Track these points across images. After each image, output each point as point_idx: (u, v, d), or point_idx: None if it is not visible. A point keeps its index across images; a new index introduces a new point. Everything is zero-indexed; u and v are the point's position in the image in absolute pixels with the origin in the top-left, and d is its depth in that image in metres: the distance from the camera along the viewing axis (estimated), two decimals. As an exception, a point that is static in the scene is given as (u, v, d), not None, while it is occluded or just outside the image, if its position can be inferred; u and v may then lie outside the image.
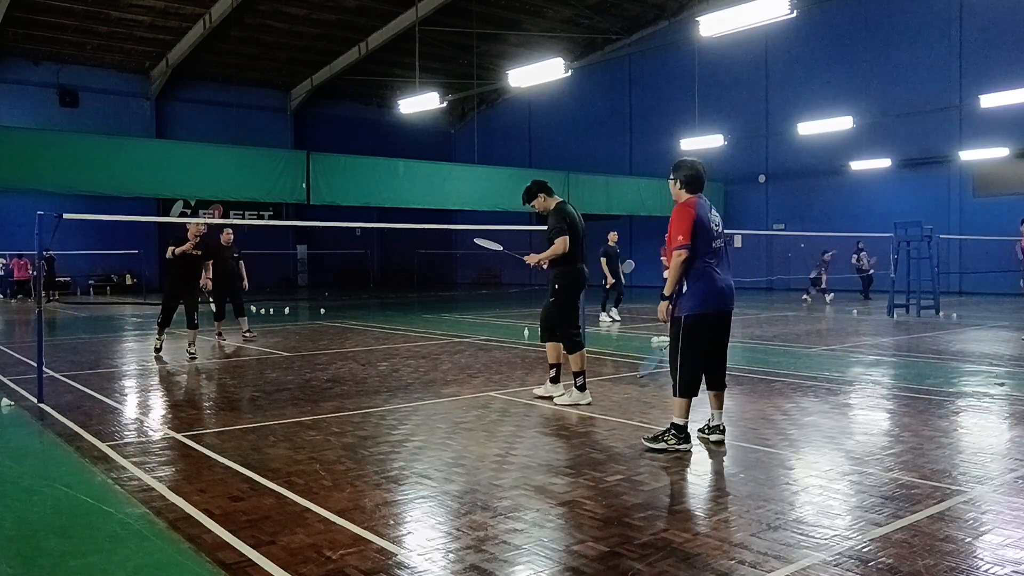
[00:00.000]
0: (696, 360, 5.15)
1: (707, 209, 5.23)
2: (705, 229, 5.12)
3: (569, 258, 6.72)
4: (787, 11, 11.22)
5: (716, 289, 5.11)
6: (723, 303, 5.17)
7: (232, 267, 12.45)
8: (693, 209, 5.12)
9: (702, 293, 5.08)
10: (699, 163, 5.41)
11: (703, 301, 5.08)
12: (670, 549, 3.47)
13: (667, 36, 29.27)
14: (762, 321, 15.22)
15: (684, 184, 5.29)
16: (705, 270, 5.10)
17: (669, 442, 5.13)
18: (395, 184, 21.91)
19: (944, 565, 3.25)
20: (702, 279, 5.09)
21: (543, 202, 6.93)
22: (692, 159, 5.45)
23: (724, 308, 5.20)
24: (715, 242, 5.17)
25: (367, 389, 7.81)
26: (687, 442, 5.15)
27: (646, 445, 5.19)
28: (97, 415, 6.63)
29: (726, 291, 5.19)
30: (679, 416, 5.16)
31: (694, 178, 5.28)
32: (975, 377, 8.29)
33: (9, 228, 25.07)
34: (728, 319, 5.30)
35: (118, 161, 18.16)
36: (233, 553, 3.46)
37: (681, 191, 5.30)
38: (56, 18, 26.14)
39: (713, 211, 5.30)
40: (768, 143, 27.31)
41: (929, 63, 23.34)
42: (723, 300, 5.17)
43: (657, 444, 5.15)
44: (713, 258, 5.14)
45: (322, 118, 35.68)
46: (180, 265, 10.46)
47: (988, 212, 22.43)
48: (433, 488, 4.43)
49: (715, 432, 5.35)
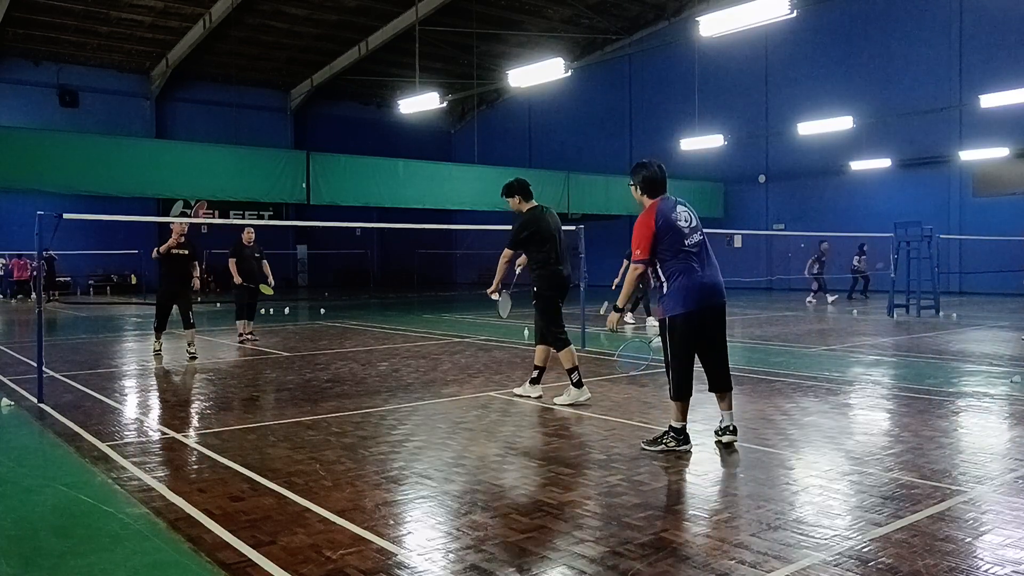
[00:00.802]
0: (686, 361, 5.04)
1: (671, 209, 5.05)
2: (672, 231, 4.96)
3: (544, 261, 6.86)
4: (787, 11, 11.21)
5: (696, 286, 4.96)
6: (708, 299, 5.01)
7: (253, 267, 12.31)
8: (652, 219, 4.97)
9: (682, 291, 4.95)
10: (656, 163, 5.21)
11: (683, 300, 4.95)
12: (670, 549, 3.47)
13: (667, 36, 29.27)
14: (762, 321, 15.21)
15: (644, 189, 5.14)
16: (684, 267, 4.96)
17: (669, 445, 5.09)
18: (395, 184, 21.91)
19: (944, 565, 3.25)
20: (680, 277, 4.96)
21: (518, 203, 7.04)
22: (649, 160, 5.28)
23: (710, 304, 5.04)
24: (688, 240, 5.00)
25: (367, 389, 7.81)
26: (687, 443, 5.12)
27: (645, 449, 5.15)
28: (97, 415, 6.63)
29: (710, 287, 5.02)
30: (676, 419, 5.12)
31: (653, 182, 5.12)
32: (975, 377, 8.29)
33: (9, 228, 25.07)
34: (719, 316, 5.13)
35: (118, 161, 18.16)
36: (233, 553, 3.46)
37: (643, 196, 5.16)
38: (56, 18, 26.15)
39: (681, 208, 5.11)
40: (768, 143, 27.31)
41: (929, 63, 23.34)
42: (708, 296, 5.01)
43: (656, 447, 5.12)
44: (689, 257, 4.98)
45: (322, 118, 35.69)
46: (169, 266, 10.49)
47: (988, 212, 22.43)
48: (433, 488, 4.43)
49: (726, 433, 5.25)
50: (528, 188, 7.08)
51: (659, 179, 5.13)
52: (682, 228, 5.02)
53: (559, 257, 6.92)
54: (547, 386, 7.67)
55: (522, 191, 7.03)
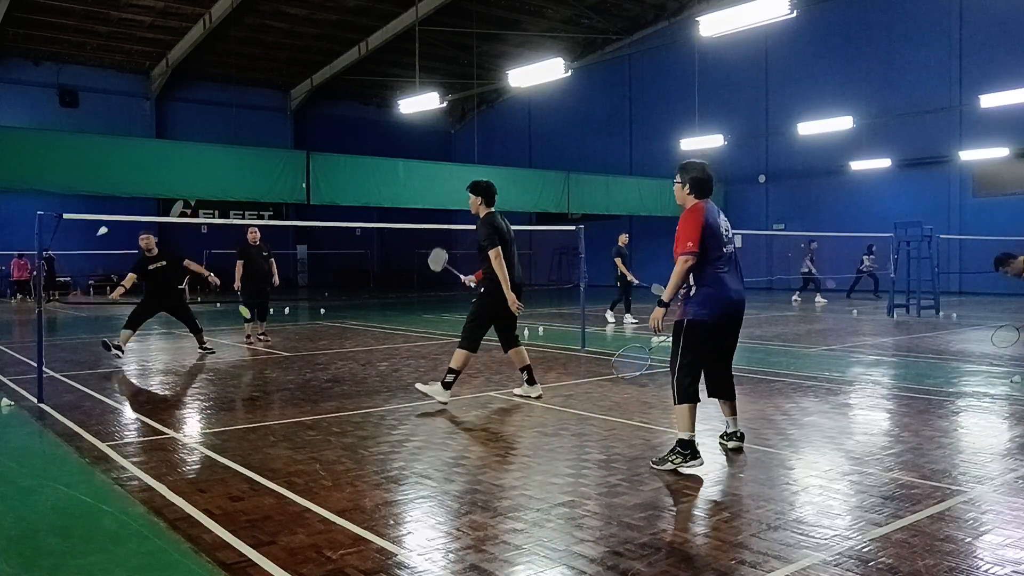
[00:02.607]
0: (695, 365, 4.87)
1: (716, 214, 5.01)
2: (715, 235, 4.88)
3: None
4: (787, 11, 11.21)
5: (725, 297, 4.87)
6: (731, 310, 4.93)
7: (262, 267, 12.23)
8: (702, 215, 4.88)
9: (711, 299, 4.83)
10: (707, 165, 5.11)
11: (710, 308, 4.83)
12: (670, 549, 3.47)
13: (667, 36, 29.27)
14: (762, 321, 15.21)
15: (692, 188, 5.00)
16: (716, 276, 4.86)
17: (676, 462, 4.73)
18: (395, 184, 21.92)
19: (944, 565, 3.25)
20: (712, 285, 4.85)
21: (478, 205, 7.01)
22: (700, 161, 5.15)
23: (732, 316, 4.96)
24: (725, 248, 4.95)
25: (367, 389, 7.81)
26: (695, 458, 4.71)
27: (654, 468, 4.80)
28: (97, 415, 6.63)
29: (735, 299, 4.95)
30: (683, 429, 4.77)
31: (703, 182, 4.99)
32: (975, 377, 8.29)
33: (9, 228, 25.06)
34: (736, 328, 5.06)
35: (118, 161, 18.17)
36: (233, 553, 3.46)
37: (689, 196, 5.01)
38: (56, 18, 26.16)
39: (722, 216, 5.09)
40: (768, 143, 27.31)
41: (929, 63, 23.34)
42: (731, 307, 4.93)
43: (664, 466, 4.77)
44: (724, 264, 4.91)
45: (322, 118, 35.68)
46: (151, 282, 10.51)
47: (988, 212, 22.43)
48: (433, 488, 4.43)
49: (732, 439, 5.18)
50: (493, 193, 7.04)
51: (709, 181, 5.04)
52: (723, 234, 4.96)
53: (512, 264, 6.91)
54: (547, 386, 7.69)
55: (487, 195, 7.00)
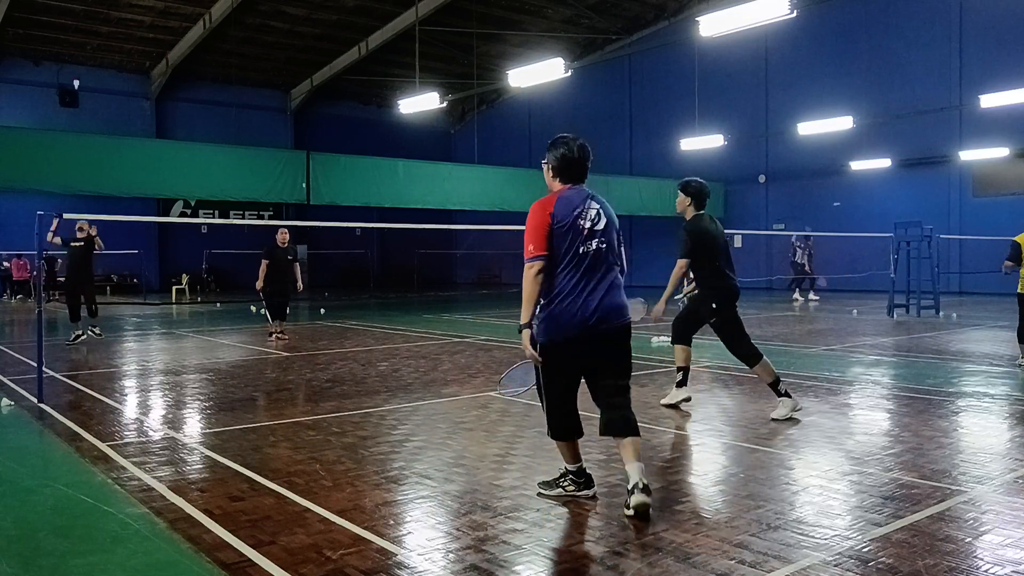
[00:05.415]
0: (558, 397, 4.07)
1: (576, 204, 3.99)
2: (569, 231, 3.93)
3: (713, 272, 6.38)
4: (787, 11, 11.22)
5: (573, 310, 3.90)
6: (585, 326, 3.91)
7: (286, 269, 12.31)
8: (550, 207, 3.94)
9: (553, 316, 3.94)
10: (574, 140, 4.13)
11: (554, 327, 3.94)
12: (670, 549, 3.47)
13: (667, 36, 29.25)
14: (762, 321, 15.21)
15: (555, 169, 4.11)
16: (563, 285, 3.93)
17: (567, 488, 4.19)
18: (395, 184, 21.90)
19: (944, 565, 3.25)
20: (557, 298, 3.93)
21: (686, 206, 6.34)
22: (567, 135, 4.19)
23: (589, 333, 3.92)
24: (584, 246, 3.94)
25: (367, 389, 7.81)
26: (588, 487, 4.20)
27: (541, 492, 4.25)
28: (97, 415, 6.63)
29: (593, 310, 3.91)
30: (567, 461, 4.21)
31: (566, 159, 4.08)
32: (975, 377, 8.29)
33: (9, 228, 25.07)
34: (609, 344, 4.00)
35: (118, 161, 18.15)
36: (233, 553, 3.46)
37: (554, 180, 4.12)
38: (56, 18, 26.14)
39: (593, 203, 4.04)
40: (768, 143, 27.30)
41: (929, 63, 23.33)
42: (586, 322, 3.91)
43: (552, 491, 4.21)
44: (578, 269, 3.93)
45: (322, 118, 35.67)
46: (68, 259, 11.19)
47: (988, 212, 22.41)
48: (433, 488, 4.43)
49: (634, 493, 3.84)
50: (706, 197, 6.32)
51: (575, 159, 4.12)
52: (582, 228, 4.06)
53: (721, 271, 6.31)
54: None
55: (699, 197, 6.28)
